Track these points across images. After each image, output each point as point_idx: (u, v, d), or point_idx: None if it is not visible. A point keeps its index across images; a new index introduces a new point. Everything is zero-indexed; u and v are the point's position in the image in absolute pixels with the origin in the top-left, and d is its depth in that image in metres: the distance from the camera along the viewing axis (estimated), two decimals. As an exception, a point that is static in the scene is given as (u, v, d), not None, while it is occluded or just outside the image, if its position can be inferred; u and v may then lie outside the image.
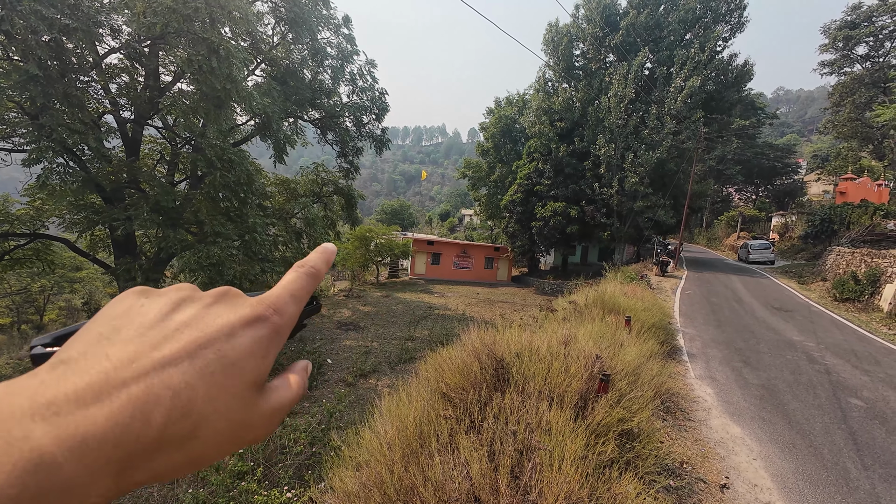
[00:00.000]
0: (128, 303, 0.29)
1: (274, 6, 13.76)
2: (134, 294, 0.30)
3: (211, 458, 0.26)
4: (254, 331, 0.28)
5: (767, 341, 8.93)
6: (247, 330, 0.28)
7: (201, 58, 8.52)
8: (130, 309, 0.28)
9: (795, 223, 33.71)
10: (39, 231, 11.52)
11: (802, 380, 6.61)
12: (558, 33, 27.18)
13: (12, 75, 7.95)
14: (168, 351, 0.25)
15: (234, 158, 10.83)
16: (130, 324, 0.27)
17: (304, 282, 0.33)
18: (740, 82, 26.58)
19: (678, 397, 5.65)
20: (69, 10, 7.61)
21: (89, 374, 0.23)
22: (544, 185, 27.86)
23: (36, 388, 0.22)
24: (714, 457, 4.26)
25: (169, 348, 0.25)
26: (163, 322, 0.27)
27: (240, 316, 0.28)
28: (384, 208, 69.73)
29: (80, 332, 0.27)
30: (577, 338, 4.77)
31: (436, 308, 19.67)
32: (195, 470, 0.26)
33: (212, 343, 0.26)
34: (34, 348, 0.30)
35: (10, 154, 10.04)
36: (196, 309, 0.29)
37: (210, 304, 0.29)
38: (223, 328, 0.27)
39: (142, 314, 0.28)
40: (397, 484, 2.62)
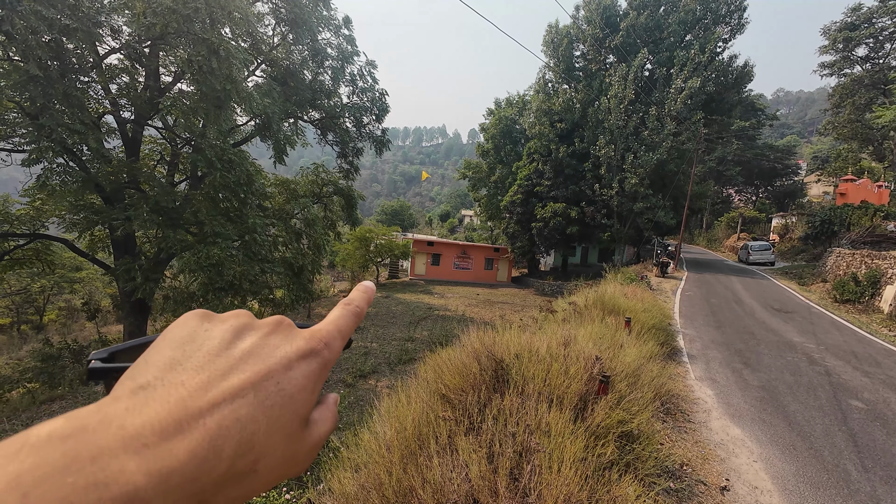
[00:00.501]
0: (192, 326, 0.29)
1: (274, 7, 13.77)
2: (197, 318, 0.30)
3: (259, 492, 0.26)
4: (307, 364, 0.29)
5: (767, 343, 8.91)
6: (301, 363, 0.28)
7: (201, 58, 8.52)
8: (196, 334, 0.29)
9: (795, 224, 33.70)
10: (39, 231, 11.52)
11: (803, 381, 6.60)
12: (558, 34, 27.23)
13: (12, 75, 7.94)
14: (237, 381, 0.25)
15: (235, 159, 10.83)
16: (199, 350, 0.27)
17: (350, 320, 0.35)
18: (740, 83, 26.60)
19: (678, 399, 5.64)
20: (69, 10, 7.61)
21: (169, 404, 0.23)
22: (544, 185, 27.88)
23: (124, 417, 0.22)
24: (714, 459, 4.25)
25: (237, 378, 0.26)
26: (228, 350, 0.27)
27: (296, 349, 0.29)
28: (384, 209, 69.75)
29: (150, 354, 0.27)
30: (577, 339, 4.76)
31: (435, 309, 19.66)
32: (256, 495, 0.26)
33: (273, 375, 0.27)
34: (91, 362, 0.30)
35: (10, 154, 10.04)
36: (257, 338, 0.29)
37: (268, 333, 0.30)
38: (282, 360, 0.28)
39: (208, 340, 0.28)
40: (396, 486, 2.61)
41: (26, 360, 12.65)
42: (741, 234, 40.68)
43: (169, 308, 10.83)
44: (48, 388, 10.28)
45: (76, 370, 11.16)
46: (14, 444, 0.20)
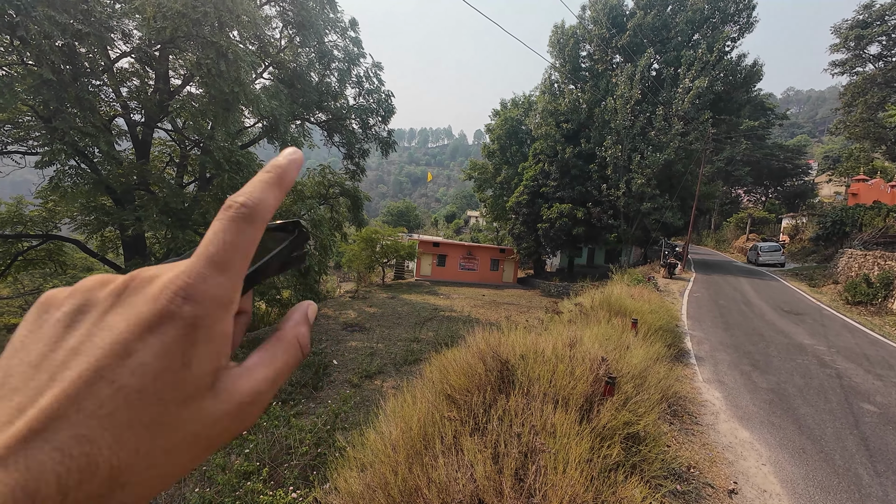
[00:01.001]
0: (30, 321, 0.24)
1: (282, 10, 13.91)
2: (37, 308, 0.24)
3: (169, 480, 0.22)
4: (158, 337, 0.21)
5: (777, 345, 8.80)
6: (147, 339, 0.21)
7: (210, 61, 8.64)
8: (29, 335, 0.23)
9: (806, 225, 33.25)
10: (52, 232, 11.73)
11: (813, 384, 6.51)
12: (564, 35, 27.15)
13: (27, 79, 8.11)
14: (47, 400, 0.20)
15: (242, 160, 10.95)
16: (25, 359, 0.22)
17: (233, 233, 0.24)
18: (749, 83, 26.30)
19: (685, 401, 5.59)
20: (82, 15, 7.76)
21: None
22: (550, 186, 27.79)
23: None
24: (722, 461, 4.21)
25: (50, 396, 0.20)
26: (53, 352, 0.22)
27: (136, 323, 0.22)
28: (390, 210, 69.96)
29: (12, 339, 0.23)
30: (583, 340, 4.74)
31: (441, 310, 19.67)
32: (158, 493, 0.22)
33: (102, 374, 0.20)
34: None
35: (24, 157, 10.26)
36: (88, 324, 0.23)
37: (105, 311, 0.23)
38: (114, 349, 0.21)
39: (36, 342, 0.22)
40: (401, 485, 2.62)
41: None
42: (750, 235, 40.20)
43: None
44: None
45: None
46: None
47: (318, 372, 10.50)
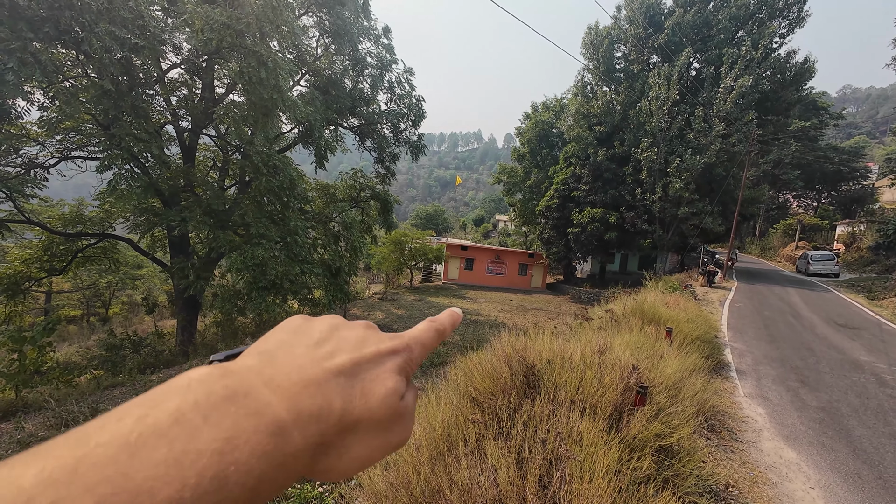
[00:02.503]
0: (298, 321, 0.36)
1: (318, 20, 14.42)
2: (300, 318, 0.37)
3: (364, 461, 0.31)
4: (392, 360, 0.34)
5: (829, 360, 8.17)
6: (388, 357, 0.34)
7: (251, 70, 9.08)
8: (301, 327, 0.35)
9: (864, 233, 30.78)
10: (107, 231, 12.66)
11: (870, 404, 5.99)
12: (598, 36, 26.58)
13: (89, 90, 8.83)
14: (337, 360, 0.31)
15: (279, 164, 11.41)
16: (305, 336, 0.33)
17: (433, 335, 0.40)
18: (799, 81, 24.66)
19: (724, 416, 5.29)
20: (138, 30, 8.37)
21: (290, 365, 0.29)
22: (582, 190, 27.17)
23: (259, 367, 0.28)
24: (765, 482, 3.94)
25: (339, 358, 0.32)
26: (329, 339, 0.34)
27: (385, 346, 0.35)
28: (419, 213, 70.63)
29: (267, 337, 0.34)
30: (613, 347, 4.59)
31: (468, 313, 19.61)
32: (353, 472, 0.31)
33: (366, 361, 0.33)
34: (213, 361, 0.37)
35: (85, 161, 11.15)
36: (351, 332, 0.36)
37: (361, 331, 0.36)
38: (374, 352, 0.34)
39: (312, 331, 0.34)
40: (424, 485, 2.63)
41: (93, 349, 13.88)
42: (800, 243, 37.61)
43: (217, 304, 11.51)
44: (111, 375, 11.21)
45: (135, 360, 12.09)
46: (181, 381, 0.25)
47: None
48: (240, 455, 0.22)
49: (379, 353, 0.34)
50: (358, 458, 0.30)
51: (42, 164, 10.38)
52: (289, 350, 0.31)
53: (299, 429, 0.26)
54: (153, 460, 0.20)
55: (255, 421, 0.24)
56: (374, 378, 0.32)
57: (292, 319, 0.36)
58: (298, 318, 0.36)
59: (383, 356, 0.34)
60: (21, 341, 9.16)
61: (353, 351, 0.33)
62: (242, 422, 0.23)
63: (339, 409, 0.28)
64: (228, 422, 0.23)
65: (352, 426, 0.29)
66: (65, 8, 7.44)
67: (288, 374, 0.28)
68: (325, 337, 0.34)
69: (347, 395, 0.30)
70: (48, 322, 10.04)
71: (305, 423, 0.26)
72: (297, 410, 0.26)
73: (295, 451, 0.25)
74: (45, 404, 8.06)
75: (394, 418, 0.32)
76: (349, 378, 0.31)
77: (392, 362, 0.34)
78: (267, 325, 16.20)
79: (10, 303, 11.54)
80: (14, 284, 11.41)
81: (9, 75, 7.00)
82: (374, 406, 0.31)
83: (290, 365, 0.29)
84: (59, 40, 8.03)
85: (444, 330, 0.42)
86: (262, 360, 0.29)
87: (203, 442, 0.22)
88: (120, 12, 7.92)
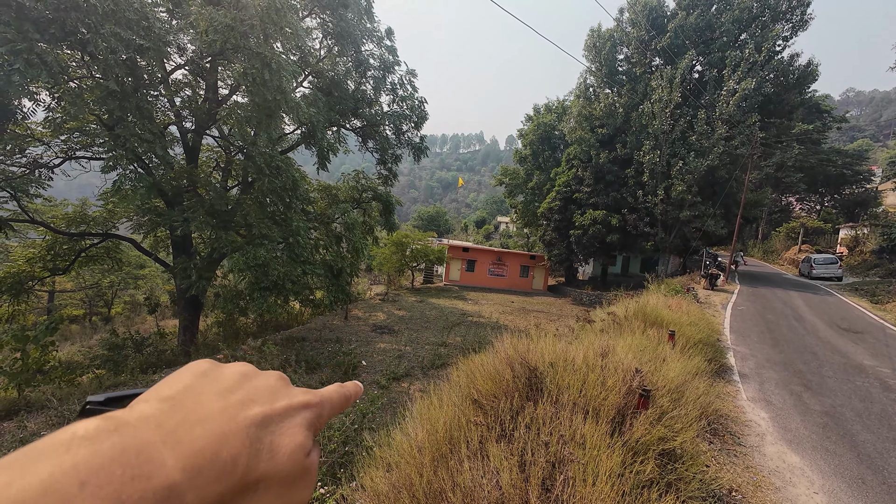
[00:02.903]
0: (204, 367, 0.34)
1: (322, 21, 14.47)
2: (206, 362, 0.35)
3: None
4: (303, 414, 0.34)
5: (832, 364, 8.13)
6: (300, 411, 0.34)
7: (255, 71, 9.11)
8: (208, 372, 0.33)
9: (868, 236, 30.65)
10: (111, 231, 12.70)
11: (875, 409, 5.95)
12: (601, 38, 26.58)
13: (95, 91, 8.88)
14: (253, 410, 0.30)
15: (281, 165, 11.43)
16: (214, 383, 0.32)
17: (341, 399, 0.40)
18: (802, 84, 24.62)
19: (727, 420, 5.27)
20: (144, 31, 8.41)
21: (196, 415, 0.27)
22: (584, 192, 27.14)
23: (159, 417, 0.26)
24: (768, 486, 3.92)
25: (251, 410, 0.30)
26: (240, 388, 0.32)
27: (297, 400, 0.34)
28: (421, 215, 70.63)
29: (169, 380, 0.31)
30: (616, 350, 4.58)
31: (469, 315, 19.60)
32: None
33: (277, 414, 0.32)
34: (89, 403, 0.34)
35: (89, 161, 11.20)
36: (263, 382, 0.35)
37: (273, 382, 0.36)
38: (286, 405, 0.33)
39: (221, 378, 0.33)
40: (426, 487, 2.63)
41: (95, 349, 13.91)
42: (803, 246, 37.47)
43: (219, 305, 11.54)
44: (113, 375, 11.24)
45: (137, 359, 12.12)
46: (63, 435, 0.22)
47: (347, 372, 10.72)
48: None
49: (290, 407, 0.33)
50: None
51: (46, 163, 10.43)
52: (196, 397, 0.29)
53: (195, 490, 0.24)
54: None
55: (143, 486, 0.21)
56: (283, 432, 0.31)
57: (199, 363, 0.35)
58: (206, 363, 0.35)
59: (295, 410, 0.33)
60: (24, 340, 9.20)
61: (266, 402, 0.32)
62: (127, 487, 0.21)
63: (243, 465, 0.27)
64: (111, 489, 0.20)
65: (253, 484, 0.28)
66: (71, 9, 7.49)
67: (192, 426, 0.26)
68: (235, 384, 0.32)
69: (255, 450, 0.28)
70: (51, 321, 10.08)
71: (203, 484, 0.24)
72: (195, 470, 0.24)
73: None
74: (47, 403, 8.09)
75: (299, 475, 0.31)
76: (259, 430, 0.29)
77: (302, 417, 0.33)
78: (268, 325, 16.23)
79: (14, 302, 11.58)
80: (18, 283, 11.46)
81: (15, 76, 7.04)
82: (280, 462, 0.29)
83: (195, 415, 0.27)
84: (65, 41, 8.08)
85: (350, 396, 0.42)
86: (164, 408, 0.27)
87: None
88: (125, 14, 7.96)
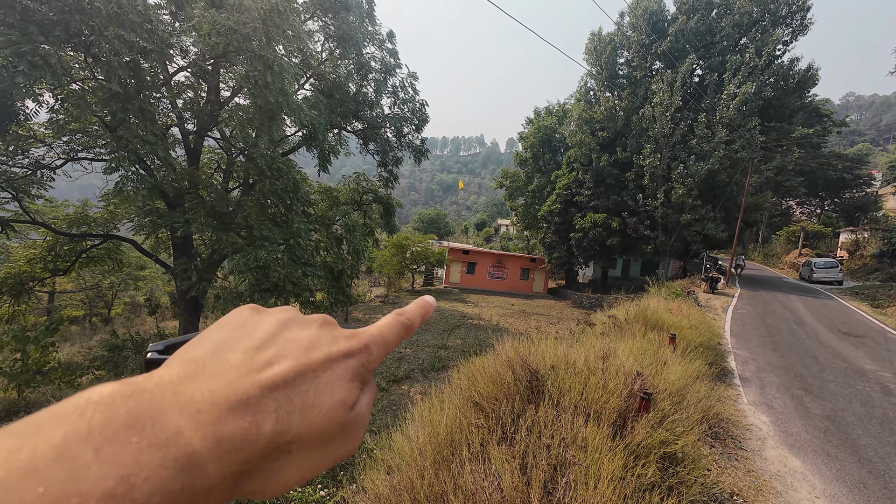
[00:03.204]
0: (244, 315, 0.32)
1: (324, 24, 14.53)
2: (248, 309, 0.33)
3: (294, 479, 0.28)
4: (345, 364, 0.31)
5: (833, 368, 8.12)
6: (341, 361, 0.31)
7: (257, 73, 9.14)
8: (246, 322, 0.32)
9: (868, 240, 30.66)
10: (112, 232, 12.71)
11: (876, 413, 5.94)
12: (601, 42, 26.69)
13: (97, 92, 8.91)
14: (280, 369, 0.28)
15: (283, 167, 11.45)
16: (248, 335, 0.30)
17: (398, 330, 0.36)
18: (802, 88, 24.71)
19: (728, 423, 5.26)
20: (147, 34, 8.45)
21: (218, 378, 0.26)
22: (584, 195, 27.17)
23: (177, 384, 0.24)
24: (769, 491, 3.91)
25: (282, 366, 0.28)
26: (275, 339, 0.30)
27: (338, 348, 0.31)
28: (421, 217, 70.69)
29: (203, 336, 0.30)
30: (617, 353, 4.58)
31: (469, 317, 19.59)
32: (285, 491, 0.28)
33: (314, 368, 0.29)
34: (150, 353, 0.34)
35: (91, 162, 11.23)
36: (302, 332, 0.32)
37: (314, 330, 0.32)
38: (324, 356, 0.30)
39: (257, 328, 0.31)
40: (427, 490, 2.62)
41: (95, 350, 13.91)
42: (803, 250, 37.48)
43: (219, 306, 11.55)
44: (113, 376, 11.25)
45: (137, 361, 12.11)
46: (78, 401, 0.21)
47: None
48: (138, 495, 0.19)
49: (329, 359, 0.30)
50: (291, 479, 0.27)
51: (48, 165, 10.46)
52: (222, 356, 0.27)
53: (216, 460, 0.22)
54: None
55: (161, 454, 0.20)
56: (319, 389, 0.28)
57: (240, 311, 0.33)
58: (246, 310, 0.33)
59: (334, 361, 0.30)
60: (24, 341, 9.20)
61: (299, 357, 0.29)
62: (145, 455, 0.20)
63: (269, 431, 0.25)
64: (127, 456, 0.19)
65: (284, 447, 0.26)
66: (75, 12, 7.53)
67: (211, 392, 0.24)
68: (269, 337, 0.30)
69: (283, 413, 0.26)
70: (51, 322, 10.09)
71: (225, 452, 0.23)
72: (215, 439, 0.23)
73: (210, 485, 0.22)
74: (47, 404, 8.07)
75: (338, 432, 0.29)
76: (288, 391, 0.27)
77: (343, 368, 0.31)
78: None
79: (15, 302, 11.58)
80: (18, 284, 11.46)
81: (19, 77, 7.07)
82: (315, 422, 0.27)
83: (217, 379, 0.25)
84: (69, 43, 8.12)
85: (412, 324, 0.38)
86: (186, 371, 0.25)
87: (90, 483, 0.18)
88: (129, 16, 8.00)
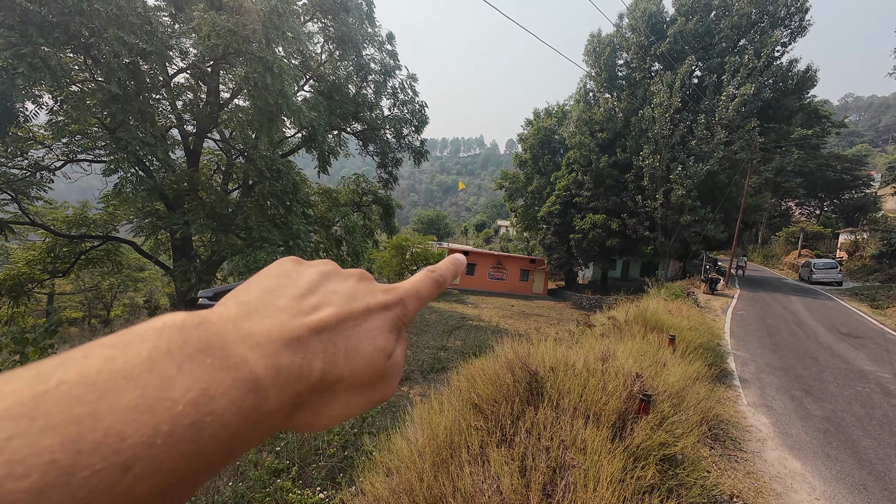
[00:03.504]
0: (287, 266, 0.34)
1: (323, 26, 14.55)
2: (291, 261, 0.35)
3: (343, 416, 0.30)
4: (382, 315, 0.33)
5: (833, 370, 8.12)
6: (378, 313, 0.32)
7: (257, 75, 9.15)
8: (290, 272, 0.33)
9: (867, 241, 30.70)
10: (111, 234, 12.70)
11: (876, 415, 5.94)
12: (601, 43, 26.75)
13: (97, 94, 8.92)
14: (324, 314, 0.29)
15: (282, 169, 11.45)
16: (293, 284, 0.32)
17: (431, 285, 0.38)
18: (801, 89, 24.77)
19: (728, 425, 5.25)
20: (146, 35, 8.45)
21: (270, 318, 0.27)
22: (584, 196, 27.20)
23: (236, 320, 0.26)
24: (769, 492, 3.91)
25: (325, 312, 0.30)
26: (318, 288, 0.32)
27: (376, 300, 0.33)
28: (421, 218, 70.71)
29: (251, 282, 0.32)
30: (616, 355, 4.58)
31: (469, 319, 19.58)
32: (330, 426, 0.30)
33: (354, 316, 0.31)
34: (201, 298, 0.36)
35: (90, 164, 11.22)
36: (343, 283, 0.33)
37: (353, 283, 0.34)
38: (363, 306, 0.32)
39: (301, 278, 0.32)
40: (426, 492, 2.62)
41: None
42: (802, 251, 37.53)
43: (219, 308, 11.50)
44: (112, 378, 11.20)
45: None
46: (155, 324, 0.23)
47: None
48: (216, 407, 0.21)
49: (368, 309, 0.32)
50: (336, 415, 0.30)
51: (48, 166, 10.45)
52: (271, 301, 0.29)
53: (276, 388, 0.24)
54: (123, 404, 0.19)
55: (233, 375, 0.22)
56: (360, 336, 0.31)
57: (283, 262, 0.35)
58: (289, 262, 0.35)
59: (373, 312, 0.32)
60: (23, 343, 9.15)
61: (341, 305, 0.31)
62: (219, 374, 0.22)
63: (318, 369, 0.27)
64: (204, 373, 0.22)
65: (331, 386, 0.28)
66: (74, 13, 7.53)
67: (268, 329, 0.26)
68: (313, 286, 0.32)
69: (330, 355, 0.28)
70: (50, 324, 10.04)
71: (283, 382, 0.25)
72: (275, 369, 0.25)
73: (271, 409, 0.24)
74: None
75: (378, 377, 0.31)
76: (333, 335, 0.29)
77: (382, 319, 0.32)
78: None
79: (13, 304, 11.56)
80: (17, 286, 11.44)
81: (18, 79, 7.07)
82: (357, 367, 0.30)
83: (270, 319, 0.28)
84: (69, 45, 8.12)
85: (443, 280, 0.39)
86: (241, 311, 0.27)
87: (177, 391, 0.20)
88: (128, 18, 8.01)
